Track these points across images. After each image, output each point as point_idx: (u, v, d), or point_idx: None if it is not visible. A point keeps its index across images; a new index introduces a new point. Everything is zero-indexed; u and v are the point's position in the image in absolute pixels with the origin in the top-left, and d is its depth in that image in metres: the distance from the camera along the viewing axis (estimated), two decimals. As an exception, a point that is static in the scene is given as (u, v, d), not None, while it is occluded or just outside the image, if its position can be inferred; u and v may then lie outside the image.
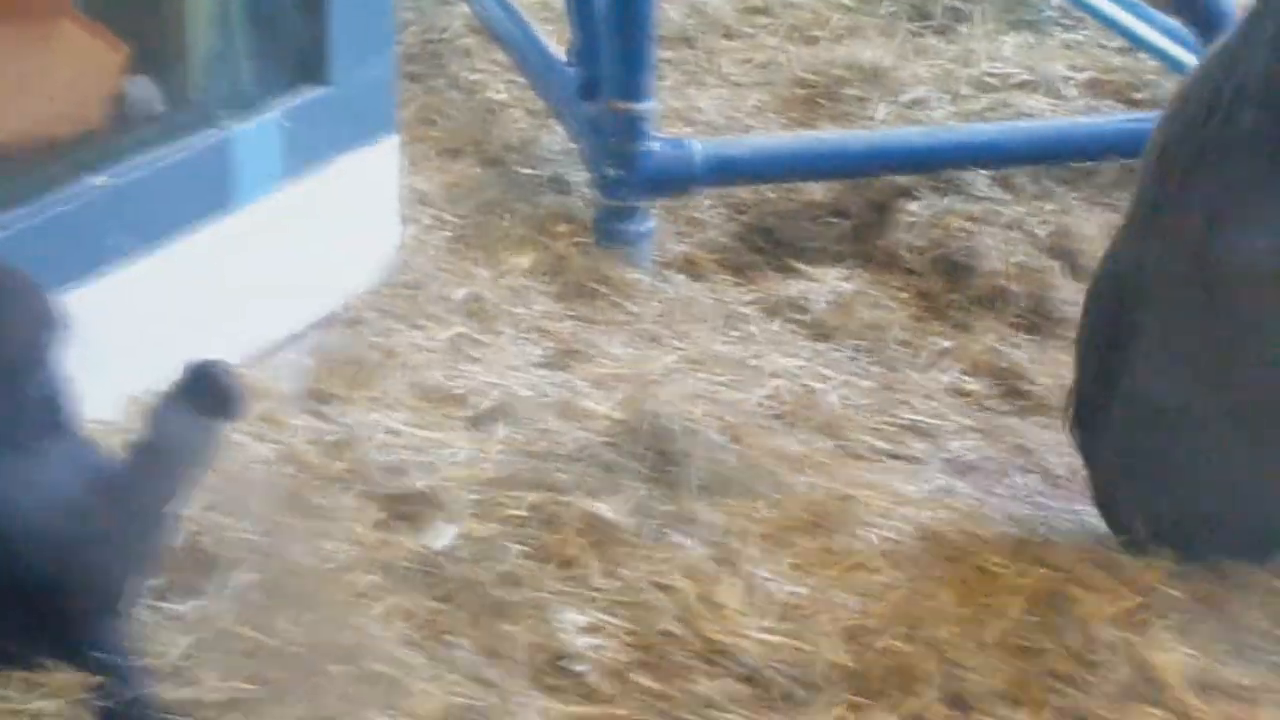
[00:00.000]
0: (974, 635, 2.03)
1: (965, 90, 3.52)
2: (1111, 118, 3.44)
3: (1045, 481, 2.50)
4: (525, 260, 2.99)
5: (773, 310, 2.96)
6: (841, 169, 3.15)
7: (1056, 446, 2.52)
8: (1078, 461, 2.35)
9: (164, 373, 1.99)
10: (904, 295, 2.96)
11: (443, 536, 2.20)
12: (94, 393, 2.02)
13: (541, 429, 2.40)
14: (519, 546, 2.18)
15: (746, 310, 2.97)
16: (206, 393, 2.01)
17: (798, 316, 2.93)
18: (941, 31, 3.82)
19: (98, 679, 1.88)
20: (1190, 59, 3.15)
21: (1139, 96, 3.58)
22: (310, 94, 2.65)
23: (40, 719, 1.85)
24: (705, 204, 3.14)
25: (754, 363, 2.71)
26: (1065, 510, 2.44)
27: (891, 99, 3.45)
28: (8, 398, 1.88)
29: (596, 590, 2.14)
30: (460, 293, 2.91)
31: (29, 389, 1.90)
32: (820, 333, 2.88)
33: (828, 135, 3.34)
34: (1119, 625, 2.02)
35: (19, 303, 1.94)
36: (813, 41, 3.82)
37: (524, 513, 2.24)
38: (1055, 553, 2.23)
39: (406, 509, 2.27)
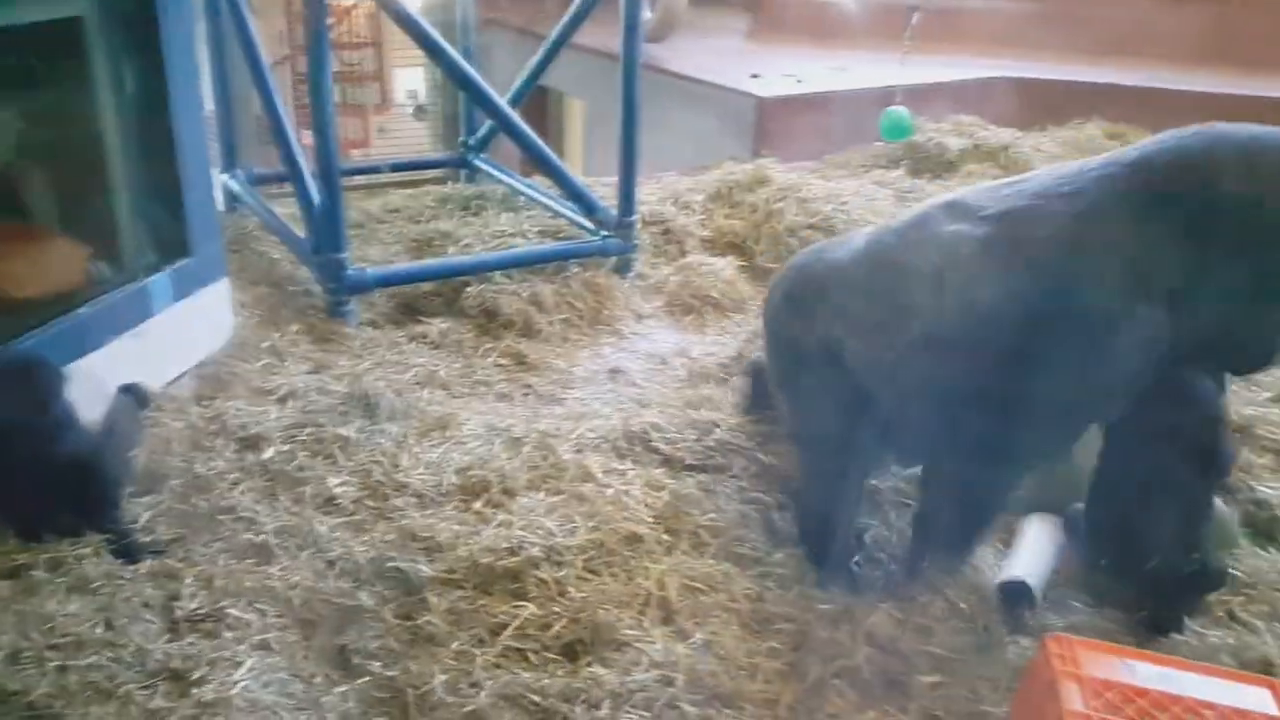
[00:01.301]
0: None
1: (490, 240, 4.19)
2: (554, 247, 4.09)
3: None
4: (295, 327, 3.59)
5: (412, 338, 3.58)
6: (442, 275, 3.93)
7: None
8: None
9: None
10: (470, 329, 3.68)
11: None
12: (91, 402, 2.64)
13: (312, 399, 2.99)
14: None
15: (400, 340, 3.57)
16: (135, 395, 2.81)
17: (424, 341, 3.56)
18: (476, 213, 4.58)
19: (108, 534, 2.44)
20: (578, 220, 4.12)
21: (562, 236, 4.23)
22: (184, 261, 3.27)
23: (81, 558, 2.36)
24: (379, 296, 3.83)
25: (405, 360, 3.39)
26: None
27: (454, 245, 4.18)
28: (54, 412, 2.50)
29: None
30: (265, 344, 3.43)
31: (59, 409, 2.52)
32: (436, 345, 3.54)
33: (433, 261, 4.09)
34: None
35: (42, 371, 2.55)
36: (420, 221, 4.55)
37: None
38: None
39: (248, 441, 2.82)
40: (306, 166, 3.73)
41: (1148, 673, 1.73)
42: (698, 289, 4.05)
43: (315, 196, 3.63)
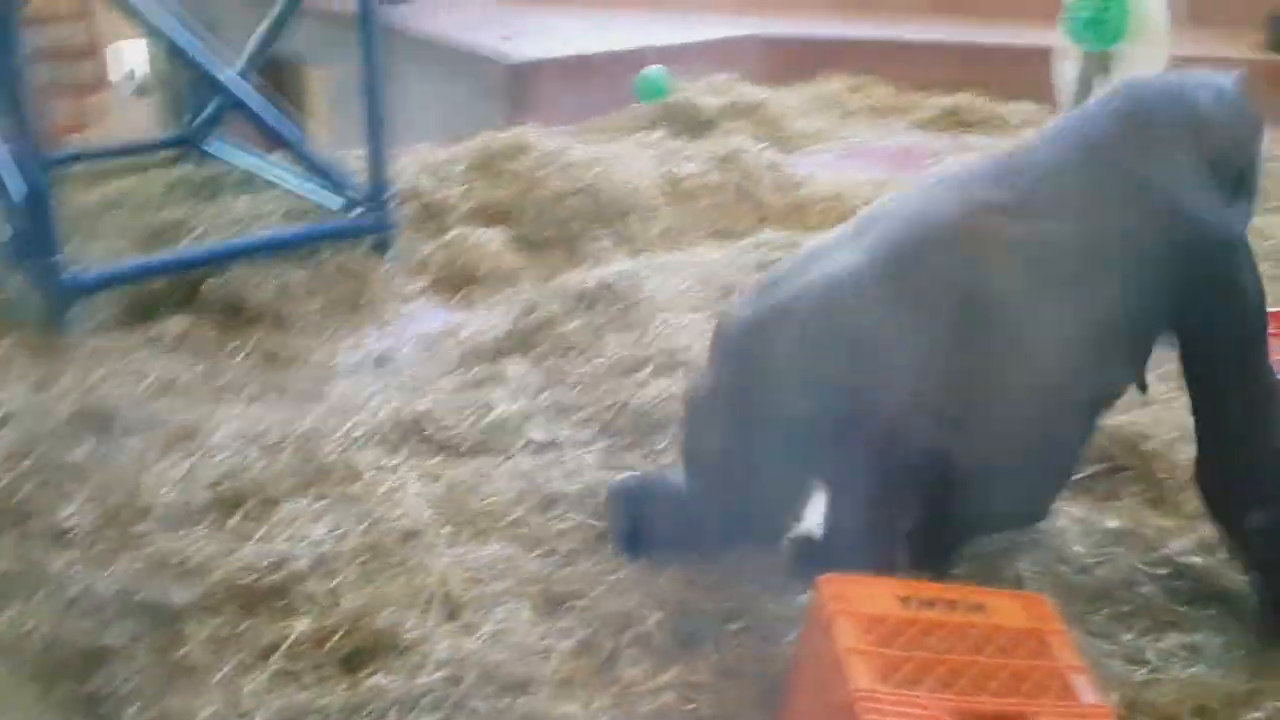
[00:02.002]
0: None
1: (229, 227, 3.93)
2: (302, 230, 3.87)
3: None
4: (7, 342, 3.27)
5: (147, 342, 3.32)
6: (175, 269, 3.67)
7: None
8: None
9: None
10: (213, 327, 3.46)
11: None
12: None
13: (34, 422, 2.73)
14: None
15: (133, 346, 3.30)
16: None
17: (161, 345, 3.32)
18: (211, 198, 4.23)
19: None
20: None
21: (310, 217, 4.00)
22: None
23: None
24: (106, 298, 3.51)
25: (140, 368, 3.13)
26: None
27: (188, 235, 3.92)
28: None
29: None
30: None
31: None
32: (174, 348, 3.30)
33: (164, 255, 3.79)
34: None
35: None
36: (147, 210, 4.19)
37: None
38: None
39: None
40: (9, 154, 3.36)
41: (916, 601, 1.80)
42: (464, 265, 3.94)
43: (16, 192, 3.27)
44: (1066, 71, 3.12)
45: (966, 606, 1.81)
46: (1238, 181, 2.02)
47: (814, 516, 2.37)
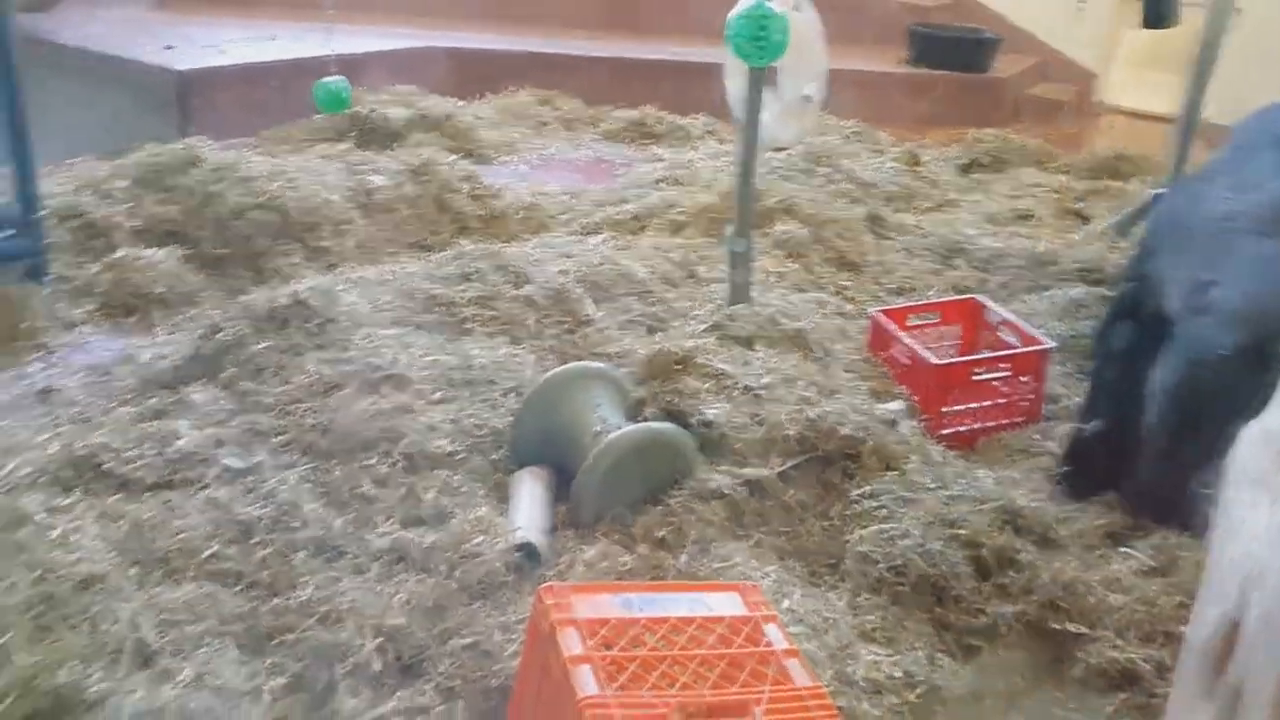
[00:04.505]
0: None
1: None
2: None
3: None
4: None
5: None
6: None
7: None
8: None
9: None
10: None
11: None
12: None
13: None
14: None
15: None
16: None
17: None
18: None
19: None
20: None
21: None
22: None
23: None
24: None
25: None
26: None
27: None
28: None
29: None
30: None
31: None
32: None
33: None
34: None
35: None
36: None
37: None
38: None
39: None
40: None
41: (631, 602, 1.84)
42: (136, 286, 3.64)
43: None
44: (736, 86, 3.35)
45: (684, 601, 1.86)
46: None
47: (523, 519, 2.46)
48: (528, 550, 2.41)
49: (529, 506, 2.56)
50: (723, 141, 5.74)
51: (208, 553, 2.33)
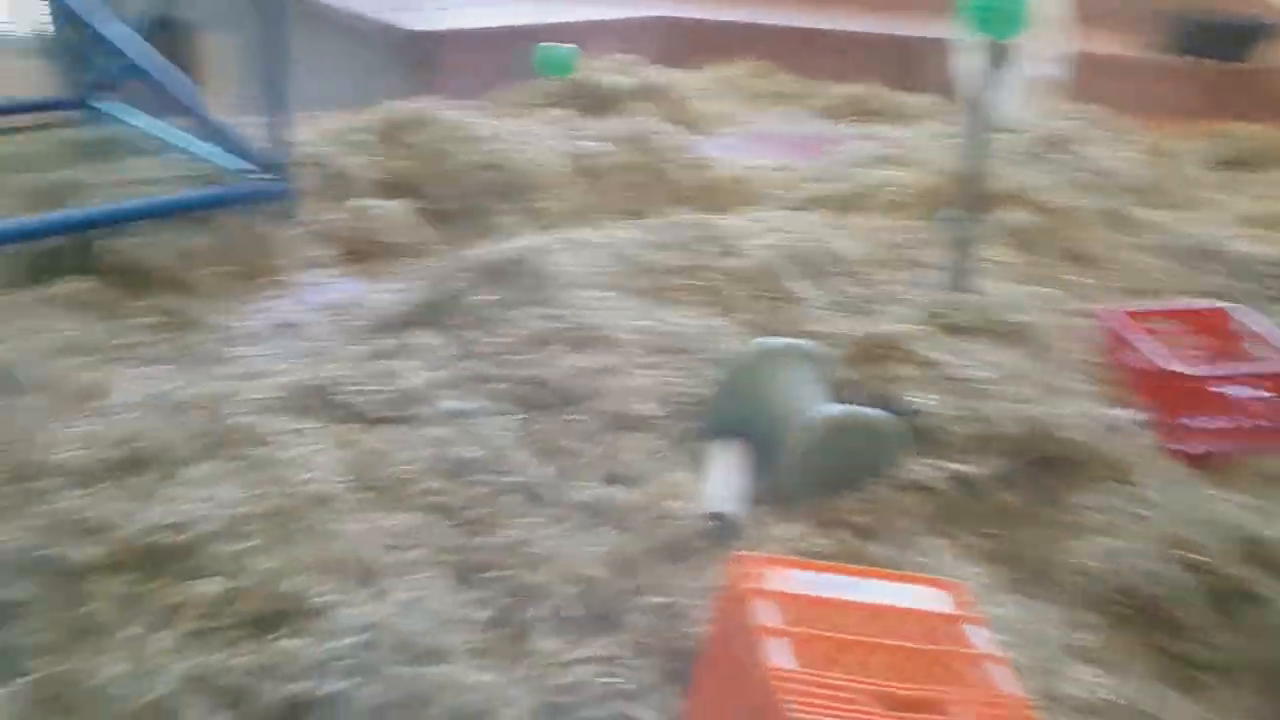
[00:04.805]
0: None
1: (126, 188, 3.78)
2: (203, 194, 3.74)
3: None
4: None
5: (45, 301, 3.23)
6: (72, 228, 3.52)
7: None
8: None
9: None
10: (114, 288, 3.34)
11: None
12: None
13: None
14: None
15: (30, 304, 3.20)
16: None
17: (60, 304, 3.21)
18: (106, 159, 4.08)
19: None
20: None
21: (210, 182, 3.87)
22: None
23: None
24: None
25: (39, 326, 3.04)
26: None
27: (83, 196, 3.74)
28: None
29: None
30: None
31: None
32: (74, 308, 3.19)
33: (59, 214, 3.60)
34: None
35: None
36: (39, 170, 4.04)
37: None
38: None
39: None
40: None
41: (829, 582, 1.79)
42: (371, 233, 3.87)
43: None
44: (968, 61, 3.17)
45: (884, 590, 1.79)
46: None
47: (719, 489, 2.47)
48: (722, 520, 2.42)
49: (726, 477, 2.56)
50: (947, 122, 5.39)
51: (426, 486, 2.46)
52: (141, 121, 4.35)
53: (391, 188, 4.15)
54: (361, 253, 3.82)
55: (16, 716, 1.86)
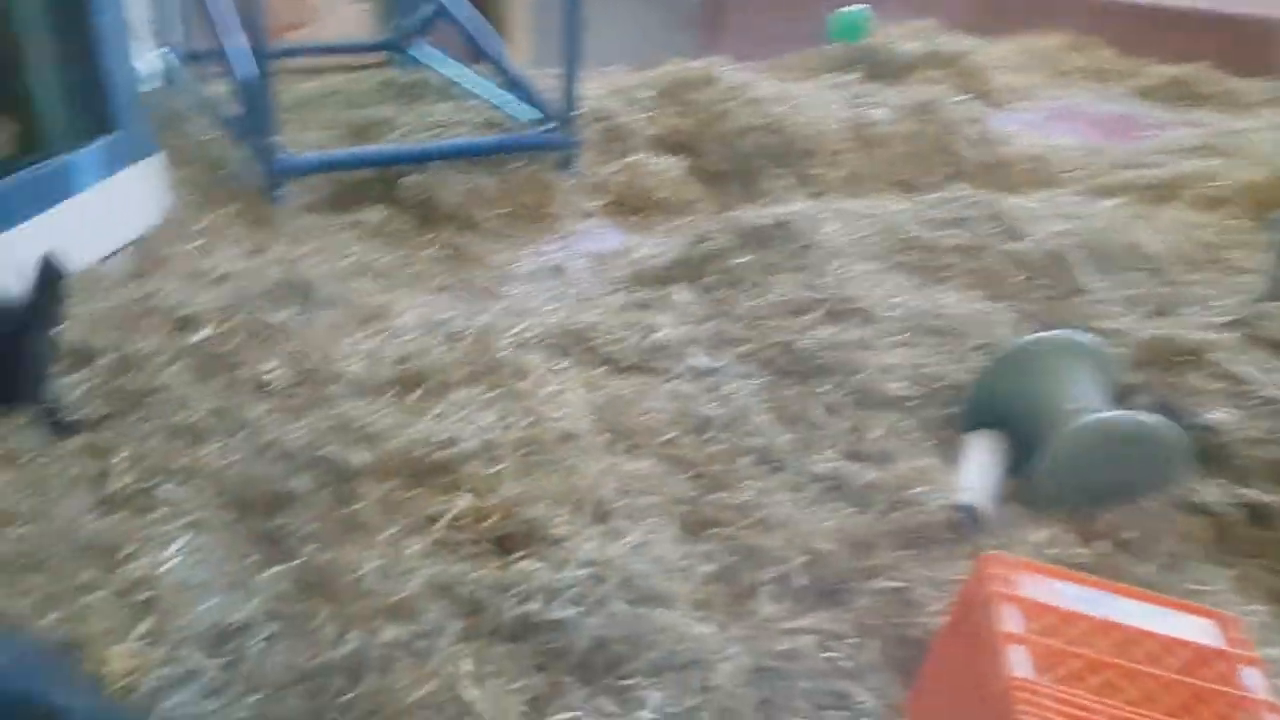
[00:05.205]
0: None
1: (430, 129, 4.07)
2: (496, 139, 3.95)
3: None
4: (229, 209, 3.51)
5: (349, 226, 3.51)
6: (379, 162, 3.82)
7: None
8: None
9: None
10: (408, 219, 3.61)
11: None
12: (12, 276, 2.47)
13: (246, 283, 2.93)
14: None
15: (336, 227, 3.51)
16: (52, 269, 2.44)
17: (361, 229, 3.51)
18: (415, 100, 4.43)
19: (37, 408, 2.42)
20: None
21: (503, 128, 4.09)
22: (107, 137, 3.16)
23: (8, 434, 2.37)
24: (316, 181, 3.73)
25: (341, 248, 3.34)
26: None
27: (393, 132, 4.05)
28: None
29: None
30: (198, 225, 3.40)
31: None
32: (373, 234, 3.48)
33: (370, 148, 3.94)
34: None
35: None
36: (358, 106, 4.40)
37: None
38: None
39: (180, 322, 2.77)
40: (237, 45, 3.56)
41: (1085, 596, 1.67)
42: (643, 189, 3.97)
43: (242, 77, 3.48)
44: None
45: (1146, 613, 1.64)
46: None
47: (972, 481, 2.37)
48: (971, 513, 2.31)
49: (980, 470, 2.44)
50: (1282, 114, 5.00)
51: (667, 437, 2.53)
52: (448, 67, 4.66)
53: (669, 145, 4.24)
54: (632, 206, 3.94)
55: (280, 595, 2.04)
